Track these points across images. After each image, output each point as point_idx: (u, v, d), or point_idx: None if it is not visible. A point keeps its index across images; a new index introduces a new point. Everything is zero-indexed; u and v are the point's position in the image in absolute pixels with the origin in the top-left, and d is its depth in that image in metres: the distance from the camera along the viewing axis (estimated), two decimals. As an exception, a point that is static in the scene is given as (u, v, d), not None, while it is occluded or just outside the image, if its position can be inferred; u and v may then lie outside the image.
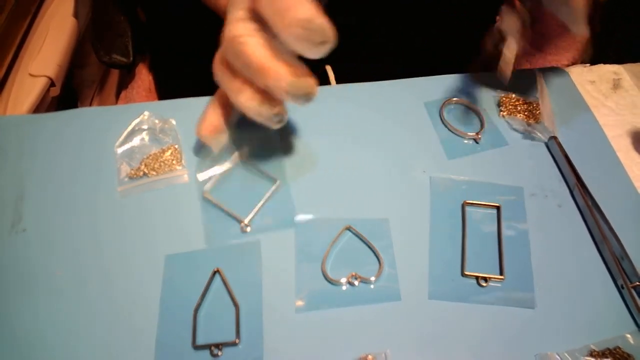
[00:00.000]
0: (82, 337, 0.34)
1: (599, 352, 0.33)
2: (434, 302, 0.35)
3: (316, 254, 0.37)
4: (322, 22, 0.27)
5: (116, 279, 0.36)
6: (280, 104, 0.33)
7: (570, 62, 0.60)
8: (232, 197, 0.40)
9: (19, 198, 0.40)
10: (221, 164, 0.41)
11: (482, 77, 0.49)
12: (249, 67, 0.30)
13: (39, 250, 0.38)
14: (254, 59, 0.30)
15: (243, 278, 0.36)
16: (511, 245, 0.37)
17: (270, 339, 0.33)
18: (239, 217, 0.38)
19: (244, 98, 0.32)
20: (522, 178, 0.41)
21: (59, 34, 0.64)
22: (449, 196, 0.40)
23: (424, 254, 0.37)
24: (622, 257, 0.36)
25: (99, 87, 0.82)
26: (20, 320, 0.34)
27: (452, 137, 0.44)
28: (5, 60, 0.59)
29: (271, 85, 0.30)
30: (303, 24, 0.27)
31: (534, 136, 0.44)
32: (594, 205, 0.39)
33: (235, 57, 0.31)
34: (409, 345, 0.33)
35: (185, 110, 0.46)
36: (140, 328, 0.34)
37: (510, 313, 0.35)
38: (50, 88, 0.61)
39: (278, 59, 0.30)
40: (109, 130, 0.44)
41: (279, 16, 0.28)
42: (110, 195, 0.40)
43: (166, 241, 0.38)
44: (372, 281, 0.36)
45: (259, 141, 0.43)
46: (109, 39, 0.65)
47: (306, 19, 0.27)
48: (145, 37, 0.65)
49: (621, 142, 0.44)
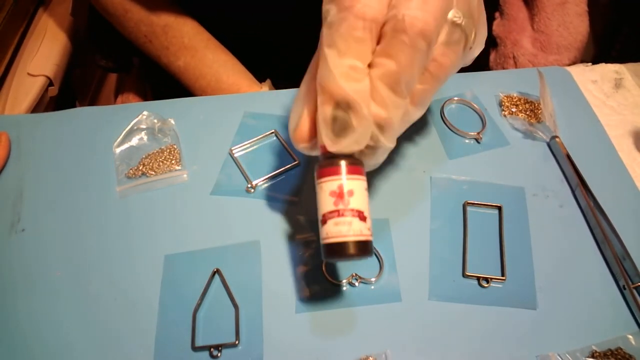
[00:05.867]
0: (81, 338, 0.34)
1: (600, 352, 0.32)
2: (435, 302, 0.35)
3: (316, 253, 0.36)
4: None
5: (115, 279, 0.36)
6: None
7: (572, 61, 0.59)
8: (253, 162, 0.42)
9: (17, 198, 0.40)
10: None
11: (483, 76, 0.49)
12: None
13: (38, 250, 0.37)
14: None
15: (243, 278, 0.36)
16: (513, 246, 0.37)
17: (270, 340, 0.33)
18: (249, 179, 0.40)
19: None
20: (523, 178, 0.41)
21: (57, 34, 0.64)
22: (449, 196, 0.40)
23: (425, 255, 0.37)
24: (623, 258, 0.36)
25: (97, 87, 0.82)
26: (20, 321, 0.34)
27: (453, 136, 0.44)
28: (4, 59, 0.59)
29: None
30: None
31: (536, 136, 0.44)
32: (596, 205, 0.38)
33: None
34: (409, 346, 0.33)
35: (184, 110, 0.46)
36: (140, 329, 0.34)
37: (512, 314, 0.34)
38: (49, 88, 0.61)
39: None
40: (107, 130, 0.44)
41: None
42: (109, 195, 0.40)
43: (165, 241, 0.38)
44: (372, 282, 0.35)
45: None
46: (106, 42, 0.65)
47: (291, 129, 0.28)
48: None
49: (623, 141, 0.44)
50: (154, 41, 0.53)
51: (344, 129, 0.26)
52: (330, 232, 0.27)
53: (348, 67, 0.25)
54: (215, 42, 0.54)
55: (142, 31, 0.53)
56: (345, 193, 0.27)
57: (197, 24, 0.54)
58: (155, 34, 0.52)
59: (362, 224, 0.27)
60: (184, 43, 0.52)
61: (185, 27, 0.53)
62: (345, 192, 0.27)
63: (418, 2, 0.24)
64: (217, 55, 0.53)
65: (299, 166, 0.42)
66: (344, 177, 0.27)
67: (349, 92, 0.25)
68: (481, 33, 0.32)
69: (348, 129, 0.26)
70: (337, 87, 0.25)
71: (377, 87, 0.26)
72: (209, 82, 0.53)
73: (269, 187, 0.40)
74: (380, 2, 0.25)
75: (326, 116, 0.26)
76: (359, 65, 0.25)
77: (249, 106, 0.46)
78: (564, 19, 0.58)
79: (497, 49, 0.63)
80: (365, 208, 0.28)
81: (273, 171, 0.41)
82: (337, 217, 0.27)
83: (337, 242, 0.27)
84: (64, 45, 0.64)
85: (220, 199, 0.40)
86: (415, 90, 0.28)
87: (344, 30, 0.25)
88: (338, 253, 0.27)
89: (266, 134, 0.44)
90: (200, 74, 0.53)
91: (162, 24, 0.52)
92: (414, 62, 0.25)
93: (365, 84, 0.25)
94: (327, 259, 0.28)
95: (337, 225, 0.27)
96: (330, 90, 0.25)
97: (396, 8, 0.25)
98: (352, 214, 0.27)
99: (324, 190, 0.28)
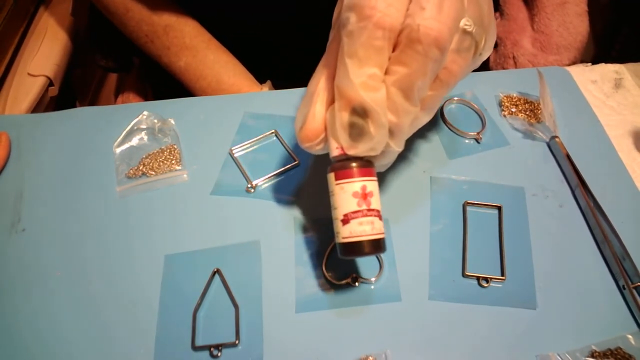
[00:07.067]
0: (81, 338, 0.34)
1: (600, 352, 0.33)
2: (435, 302, 0.35)
3: (316, 253, 0.37)
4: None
5: (115, 279, 0.36)
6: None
7: (572, 61, 0.59)
8: (253, 162, 0.42)
9: (18, 198, 0.40)
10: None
11: (483, 76, 0.49)
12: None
13: (38, 250, 0.37)
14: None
15: (243, 278, 0.36)
16: (512, 246, 0.37)
17: (270, 340, 0.33)
18: (250, 179, 0.40)
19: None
20: (523, 178, 0.41)
21: (57, 34, 0.64)
22: (449, 196, 0.40)
23: (425, 255, 0.37)
24: (623, 257, 0.36)
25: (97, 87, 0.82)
26: (20, 320, 0.34)
27: (453, 136, 0.44)
28: (4, 59, 0.59)
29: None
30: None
31: (536, 136, 0.44)
32: (596, 205, 0.38)
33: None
34: (409, 346, 0.33)
35: (184, 110, 0.46)
36: (140, 329, 0.34)
37: (512, 314, 0.34)
38: (49, 88, 0.61)
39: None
40: (107, 130, 0.44)
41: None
42: (109, 195, 0.40)
43: (165, 241, 0.38)
44: (372, 282, 0.35)
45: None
46: (107, 42, 0.65)
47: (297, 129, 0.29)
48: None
49: (623, 141, 0.44)
50: (155, 41, 0.53)
51: (361, 134, 0.27)
52: (354, 231, 0.29)
53: (367, 76, 0.26)
54: (216, 42, 0.54)
55: (144, 31, 0.53)
56: (367, 194, 0.29)
57: (198, 25, 0.54)
58: (157, 34, 0.52)
59: (380, 223, 0.30)
60: (185, 43, 0.52)
61: (186, 28, 0.53)
62: (367, 193, 0.29)
63: (433, 12, 0.25)
64: (218, 56, 0.53)
65: (299, 166, 0.42)
66: (366, 178, 0.29)
67: (368, 100, 0.26)
68: (490, 39, 0.32)
69: (365, 135, 0.27)
70: (358, 96, 0.26)
71: (390, 93, 0.26)
72: (209, 83, 0.53)
73: (269, 187, 0.41)
74: (398, 11, 0.25)
75: (344, 121, 0.27)
76: (378, 72, 0.26)
77: (249, 106, 0.46)
78: (564, 19, 0.58)
79: (497, 49, 0.63)
80: (380, 207, 0.30)
81: (273, 171, 0.41)
82: (361, 217, 0.29)
83: (361, 241, 0.29)
84: (64, 45, 0.64)
85: (220, 199, 0.40)
86: (425, 96, 0.28)
87: (365, 40, 0.25)
88: (360, 251, 0.30)
89: (266, 134, 0.44)
90: (201, 74, 0.53)
91: (163, 24, 0.52)
92: (427, 70, 0.26)
93: (383, 93, 0.26)
94: (348, 256, 0.30)
95: (362, 225, 0.29)
96: (351, 98, 0.26)
97: (411, 17, 0.25)
98: (374, 214, 0.29)
99: (346, 191, 0.29)
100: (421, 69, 0.26)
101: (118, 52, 0.66)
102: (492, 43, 0.33)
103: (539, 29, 0.59)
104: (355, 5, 0.25)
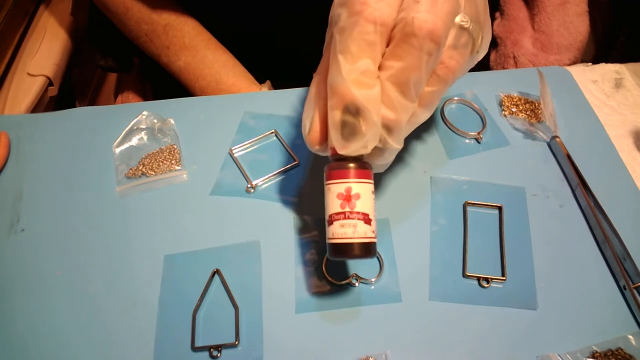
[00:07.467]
0: (80, 338, 0.33)
1: (600, 353, 0.32)
2: (435, 303, 0.35)
3: (316, 253, 0.36)
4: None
5: (115, 279, 0.36)
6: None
7: (572, 61, 0.59)
8: (253, 162, 0.42)
9: (17, 198, 0.40)
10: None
11: (483, 76, 0.49)
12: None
13: (37, 250, 0.37)
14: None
15: (243, 278, 0.36)
16: (513, 246, 0.37)
17: (270, 340, 0.33)
18: (249, 179, 0.40)
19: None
20: (523, 178, 0.41)
21: (57, 33, 0.64)
22: (450, 196, 0.40)
23: (425, 255, 0.37)
24: (624, 258, 0.36)
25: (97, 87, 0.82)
26: (19, 320, 0.34)
27: (453, 136, 0.44)
28: (4, 59, 0.59)
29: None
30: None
31: (536, 136, 0.44)
32: (596, 205, 0.38)
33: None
34: (409, 346, 0.33)
35: (183, 110, 0.46)
36: (139, 329, 0.34)
37: (512, 314, 0.34)
38: (49, 87, 0.60)
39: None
40: (107, 130, 0.44)
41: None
42: (109, 195, 0.40)
43: (165, 241, 0.38)
44: (372, 282, 0.35)
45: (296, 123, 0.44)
46: (107, 42, 0.65)
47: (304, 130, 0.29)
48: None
49: (623, 141, 0.44)
50: (155, 40, 0.53)
51: (353, 133, 0.27)
52: (335, 233, 0.29)
53: (360, 72, 0.25)
54: (216, 42, 0.54)
55: (143, 30, 0.53)
56: (352, 196, 0.28)
57: (198, 24, 0.54)
58: (156, 33, 0.52)
59: (366, 227, 0.28)
60: (185, 43, 0.52)
61: (186, 27, 0.53)
62: (352, 195, 0.28)
63: (427, 6, 0.25)
64: (218, 56, 0.53)
65: (299, 166, 0.41)
66: (351, 180, 0.28)
67: (360, 98, 0.25)
68: (486, 37, 0.32)
69: (357, 133, 0.26)
70: (348, 93, 0.25)
71: (386, 89, 0.26)
72: (209, 83, 0.53)
73: (269, 187, 0.40)
74: (390, 6, 0.25)
75: (335, 120, 0.27)
76: (371, 68, 0.25)
77: (249, 106, 0.46)
78: (565, 19, 0.58)
79: (497, 49, 0.63)
80: (371, 211, 0.29)
81: (273, 171, 0.41)
82: (343, 219, 0.28)
83: (342, 243, 0.29)
84: (63, 44, 0.64)
85: (220, 199, 0.40)
86: (423, 93, 0.28)
87: (356, 35, 0.25)
88: (342, 253, 0.29)
89: (266, 134, 0.44)
90: (201, 74, 0.53)
91: (163, 23, 0.52)
92: (423, 64, 0.25)
93: (376, 90, 0.26)
94: (332, 257, 0.30)
95: (343, 227, 0.28)
96: (341, 96, 0.26)
97: (405, 11, 0.25)
98: (358, 217, 0.28)
99: (332, 192, 0.29)
100: (416, 62, 0.25)
101: (118, 52, 0.66)
102: (487, 42, 0.33)
103: (540, 29, 0.59)
104: (347, 1, 0.25)
